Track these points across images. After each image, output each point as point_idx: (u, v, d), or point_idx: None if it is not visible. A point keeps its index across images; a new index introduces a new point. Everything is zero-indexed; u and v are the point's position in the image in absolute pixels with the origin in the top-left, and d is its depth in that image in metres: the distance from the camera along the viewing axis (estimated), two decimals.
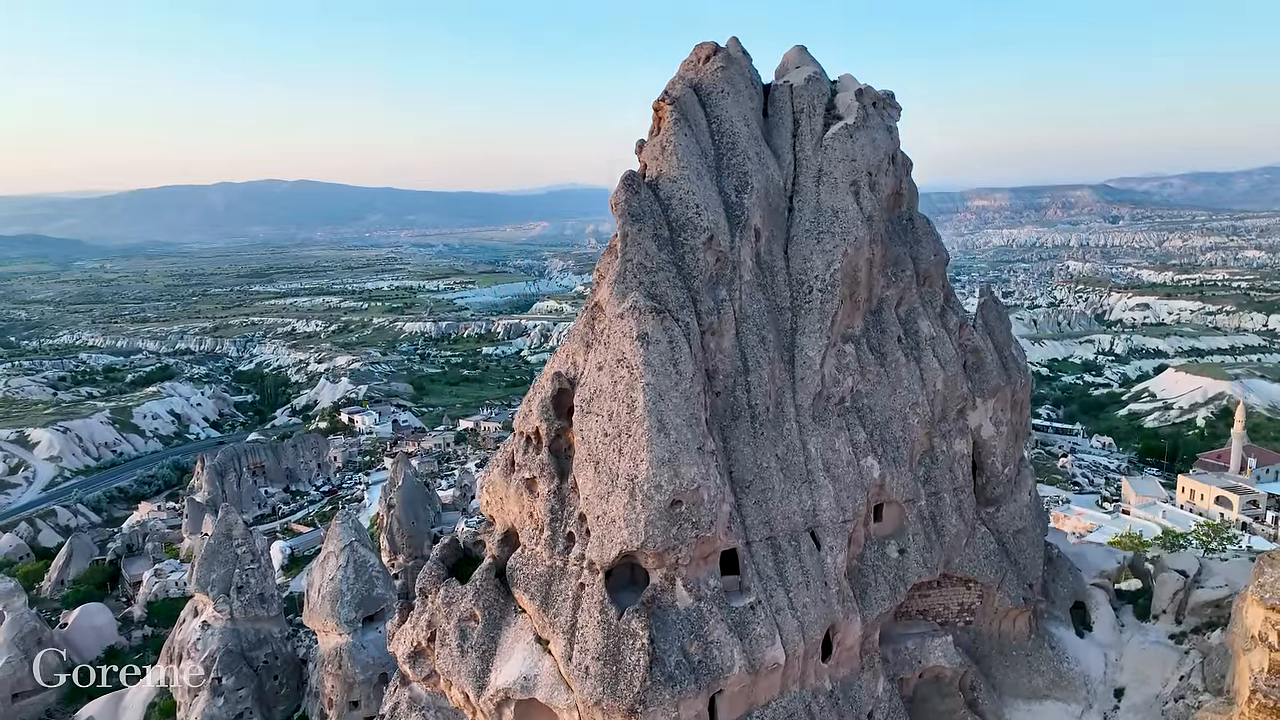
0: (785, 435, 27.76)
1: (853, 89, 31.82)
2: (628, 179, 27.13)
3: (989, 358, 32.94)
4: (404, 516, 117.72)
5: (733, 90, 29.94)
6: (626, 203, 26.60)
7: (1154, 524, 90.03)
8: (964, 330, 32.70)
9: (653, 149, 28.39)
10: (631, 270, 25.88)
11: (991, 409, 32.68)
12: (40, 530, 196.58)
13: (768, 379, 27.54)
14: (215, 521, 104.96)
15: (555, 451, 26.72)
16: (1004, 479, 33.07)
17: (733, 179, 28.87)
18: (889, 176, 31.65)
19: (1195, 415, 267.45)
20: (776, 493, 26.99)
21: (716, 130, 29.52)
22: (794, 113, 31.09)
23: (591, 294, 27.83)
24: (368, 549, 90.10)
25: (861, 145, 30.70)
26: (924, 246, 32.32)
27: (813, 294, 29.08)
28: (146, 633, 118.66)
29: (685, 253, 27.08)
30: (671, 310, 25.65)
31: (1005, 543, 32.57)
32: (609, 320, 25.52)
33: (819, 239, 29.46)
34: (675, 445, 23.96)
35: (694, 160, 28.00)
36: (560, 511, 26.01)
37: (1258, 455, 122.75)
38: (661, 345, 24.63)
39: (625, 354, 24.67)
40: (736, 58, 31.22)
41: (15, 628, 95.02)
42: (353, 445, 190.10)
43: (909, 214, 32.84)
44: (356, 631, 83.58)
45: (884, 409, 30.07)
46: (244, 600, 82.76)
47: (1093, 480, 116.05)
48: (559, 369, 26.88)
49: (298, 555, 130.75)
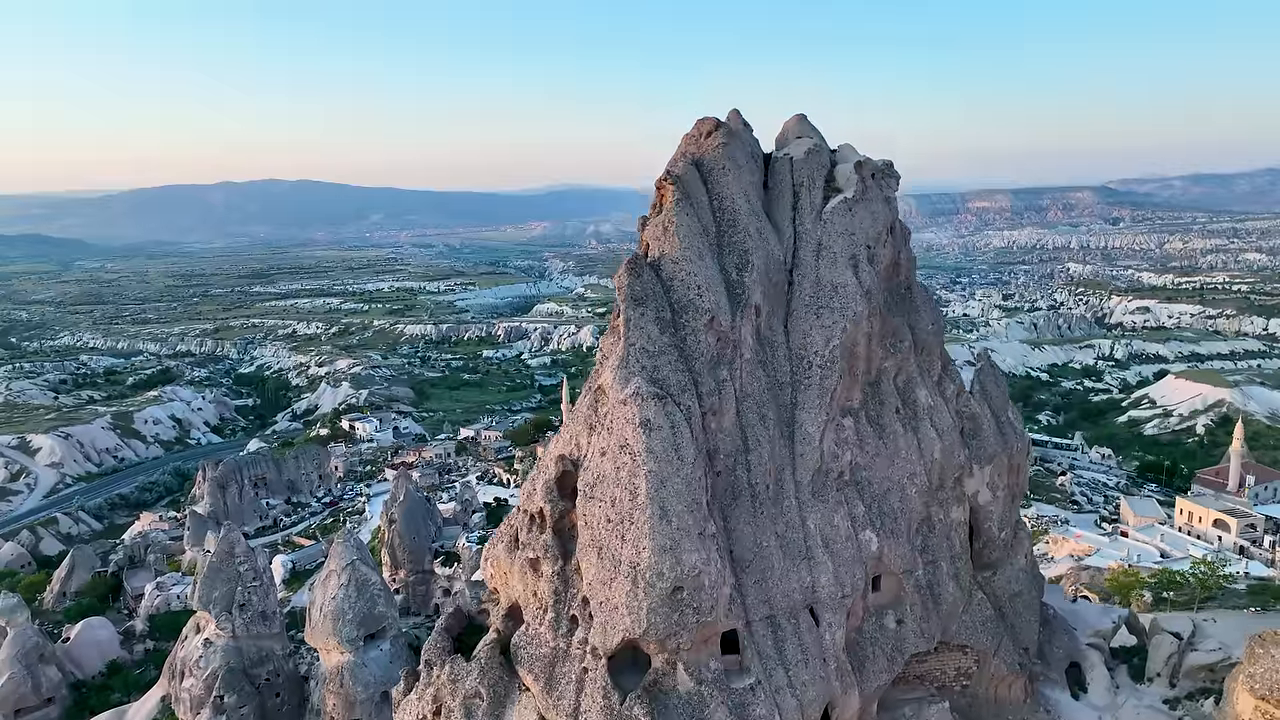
0: (785, 512, 28.21)
1: (852, 161, 32.21)
2: (631, 263, 27.57)
3: (986, 424, 33.36)
4: (405, 532, 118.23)
5: (734, 166, 30.35)
6: (629, 287, 27.03)
7: (1152, 547, 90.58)
8: (961, 397, 33.14)
9: (655, 228, 28.81)
10: (634, 355, 26.31)
11: (988, 474, 33.12)
12: (42, 538, 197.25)
13: (768, 457, 27.98)
14: (217, 539, 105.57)
15: (559, 532, 27.17)
16: (1001, 543, 33.52)
17: (734, 256, 29.30)
18: (887, 248, 32.05)
19: (1195, 423, 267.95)
20: (776, 571, 27.44)
21: (718, 207, 29.94)
22: (794, 186, 31.50)
23: (595, 374, 28.26)
24: (369, 567, 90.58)
25: (860, 219, 31.12)
26: (922, 315, 32.73)
27: (812, 369, 29.51)
28: (148, 646, 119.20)
29: (687, 334, 27.52)
30: (673, 394, 26.08)
31: (1002, 607, 33.02)
32: (612, 405, 25.94)
33: (819, 314, 29.88)
34: (677, 532, 24.40)
35: (695, 240, 28.42)
36: (564, 593, 26.48)
37: (1256, 472, 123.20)
38: (664, 431, 25.05)
39: (628, 440, 25.09)
40: (737, 131, 31.64)
41: (18, 643, 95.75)
42: (354, 454, 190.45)
43: (907, 283, 33.22)
44: (358, 650, 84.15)
45: (882, 481, 30.52)
46: (246, 618, 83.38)
47: (1091, 498, 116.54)
48: (563, 451, 27.30)
49: (299, 570, 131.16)
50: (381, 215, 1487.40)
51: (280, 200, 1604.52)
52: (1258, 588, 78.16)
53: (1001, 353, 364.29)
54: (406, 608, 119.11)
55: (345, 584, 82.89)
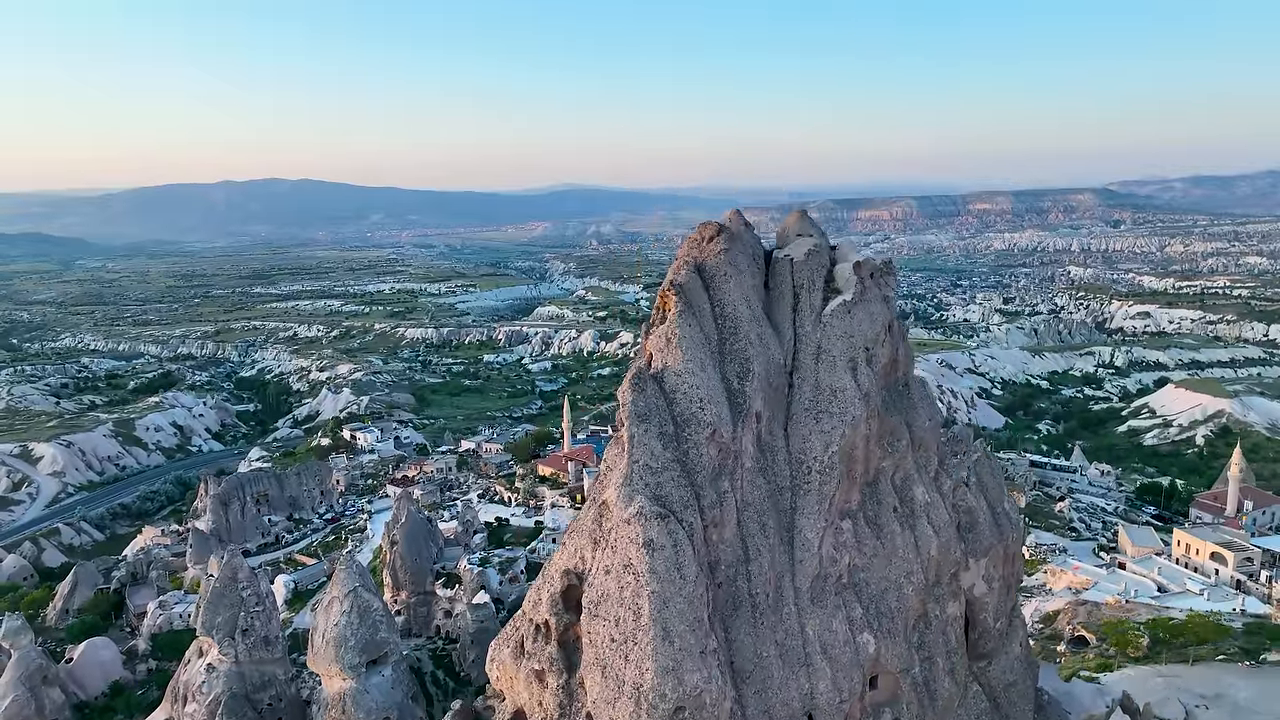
0: (784, 620, 28.81)
1: (851, 260, 32.78)
2: (635, 379, 28.16)
3: (982, 517, 33.96)
4: (406, 553, 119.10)
5: (735, 272, 30.94)
6: (633, 404, 27.63)
7: (1149, 581, 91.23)
8: (958, 491, 33.72)
9: (658, 339, 29.39)
10: (638, 472, 26.91)
11: (984, 567, 33.72)
12: (44, 549, 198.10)
13: (768, 566, 28.60)
14: (220, 562, 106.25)
15: (564, 644, 27.78)
16: (996, 633, 34.13)
17: (735, 365, 29.89)
18: (885, 347, 32.64)
19: (1194, 433, 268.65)
20: (775, 680, 28.04)
21: (720, 314, 30.52)
22: (794, 287, 32.08)
23: (600, 485, 28.84)
24: (371, 593, 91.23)
25: (859, 321, 31.70)
26: (919, 412, 33.32)
27: (812, 475, 30.11)
28: (151, 666, 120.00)
29: (690, 448, 28.10)
30: (676, 511, 26.68)
31: (997, 698, 33.63)
32: (616, 523, 26.54)
33: (818, 419, 30.47)
34: (679, 653, 25.02)
35: (698, 351, 29.01)
36: (569, 706, 27.10)
37: (1254, 497, 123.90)
38: (666, 551, 25.67)
39: (631, 560, 25.72)
40: (739, 233, 32.20)
41: (21, 666, 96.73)
42: (355, 468, 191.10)
43: (904, 379, 33.80)
44: (360, 676, 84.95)
45: (880, 581, 31.12)
46: (249, 643, 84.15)
47: (1090, 524, 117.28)
48: (568, 565, 27.91)
49: (301, 589, 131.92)
50: (382, 215, 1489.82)
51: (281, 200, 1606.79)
52: (1254, 627, 78.82)
53: (1002, 360, 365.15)
54: (408, 629, 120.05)
55: (347, 610, 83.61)
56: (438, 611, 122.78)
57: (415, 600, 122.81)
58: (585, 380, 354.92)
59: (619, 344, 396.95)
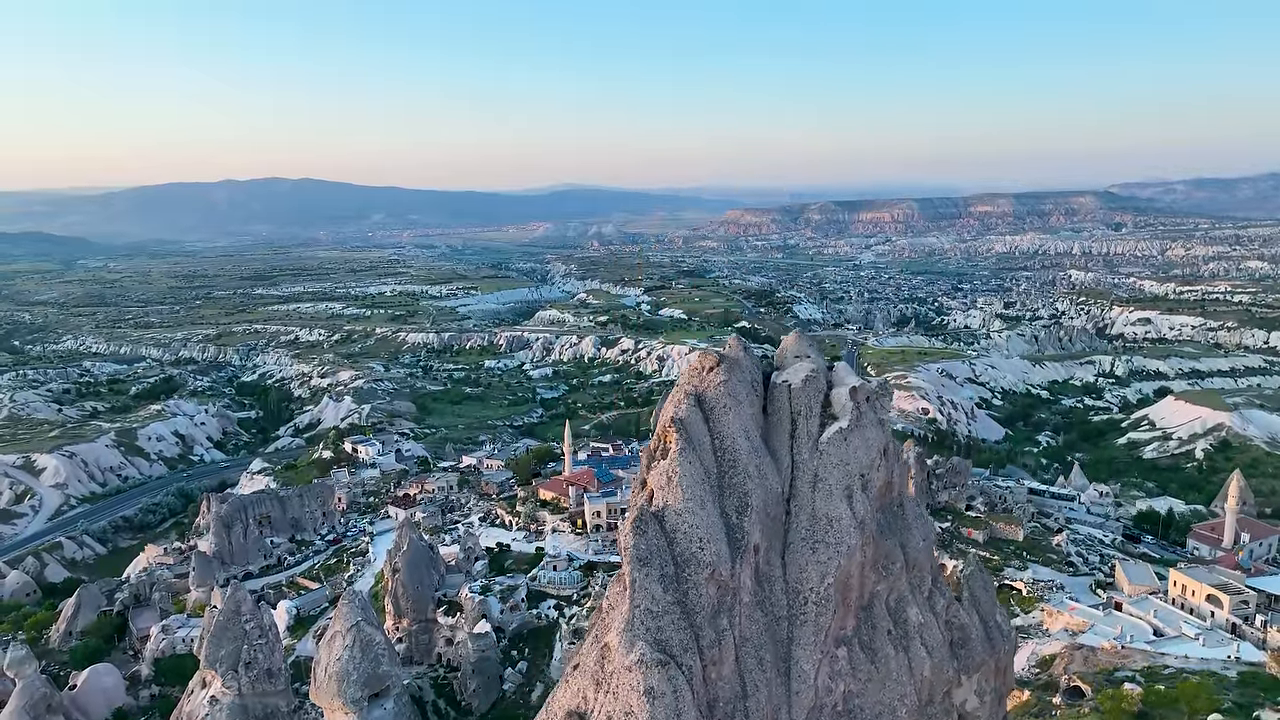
0: None
1: (848, 384, 33.49)
2: (637, 522, 28.89)
3: (974, 633, 34.73)
4: (408, 581, 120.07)
5: (734, 403, 31.67)
6: (635, 548, 28.38)
7: (1145, 624, 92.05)
8: (950, 609, 34.48)
9: (659, 476, 30.12)
10: (639, 617, 27.66)
11: (976, 682, 34.50)
12: (47, 564, 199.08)
13: (765, 701, 29.36)
14: (224, 593, 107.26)
15: None
16: None
17: (734, 499, 30.62)
18: (880, 471, 33.37)
19: (1194, 447, 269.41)
20: None
21: (719, 446, 31.25)
22: (792, 414, 32.79)
23: (603, 624, 29.56)
24: (374, 627, 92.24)
25: (855, 448, 32.42)
26: (913, 533, 34.07)
27: (808, 605, 30.85)
28: (154, 692, 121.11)
29: (689, 588, 28.85)
30: (676, 655, 27.44)
31: None
32: (617, 668, 27.30)
33: (814, 549, 31.21)
34: None
35: (698, 489, 29.74)
36: None
37: (1251, 529, 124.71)
38: (666, 698, 26.44)
39: (633, 707, 26.49)
40: (738, 361, 32.92)
41: (26, 694, 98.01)
42: (356, 485, 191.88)
43: (899, 500, 34.55)
44: (362, 710, 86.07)
45: (874, 705, 31.86)
46: (252, 676, 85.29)
47: (1087, 558, 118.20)
48: (571, 706, 28.69)
49: (303, 615, 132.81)
50: (383, 215, 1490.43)
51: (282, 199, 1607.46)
52: (1248, 677, 79.65)
53: (1002, 369, 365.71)
54: (409, 657, 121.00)
55: (350, 645, 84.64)
56: (439, 639, 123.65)
57: (417, 628, 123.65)
58: (586, 387, 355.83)
59: (620, 350, 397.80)
